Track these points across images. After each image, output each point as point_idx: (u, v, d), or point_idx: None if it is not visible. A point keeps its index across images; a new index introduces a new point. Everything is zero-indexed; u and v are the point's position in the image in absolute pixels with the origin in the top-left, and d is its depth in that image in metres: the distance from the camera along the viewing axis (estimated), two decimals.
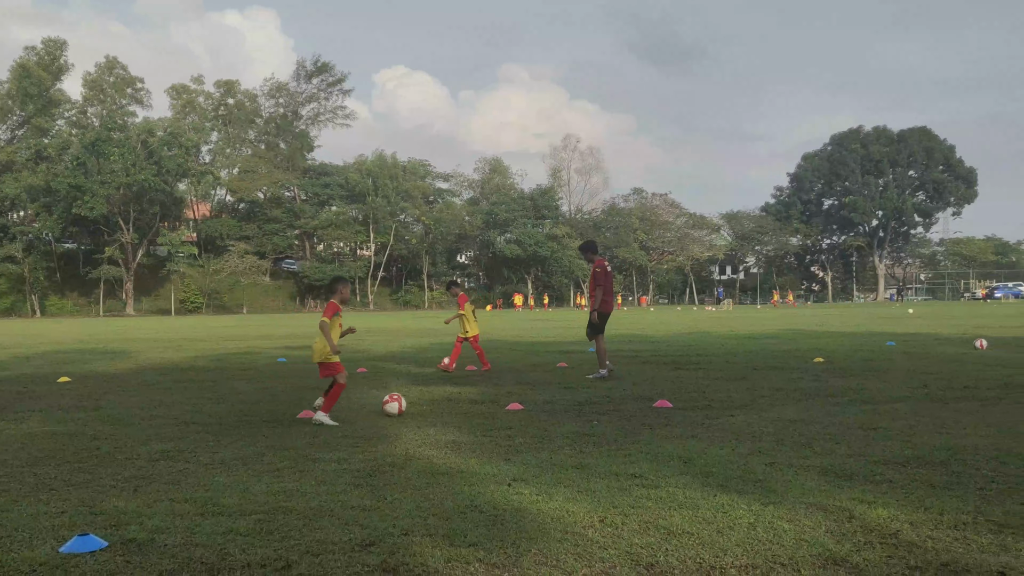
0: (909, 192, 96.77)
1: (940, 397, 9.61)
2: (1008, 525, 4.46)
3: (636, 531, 4.45)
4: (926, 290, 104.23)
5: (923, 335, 22.46)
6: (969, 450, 6.42)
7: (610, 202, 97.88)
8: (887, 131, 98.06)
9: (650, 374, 12.98)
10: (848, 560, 3.95)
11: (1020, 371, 12.27)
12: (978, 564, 3.88)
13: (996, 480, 5.46)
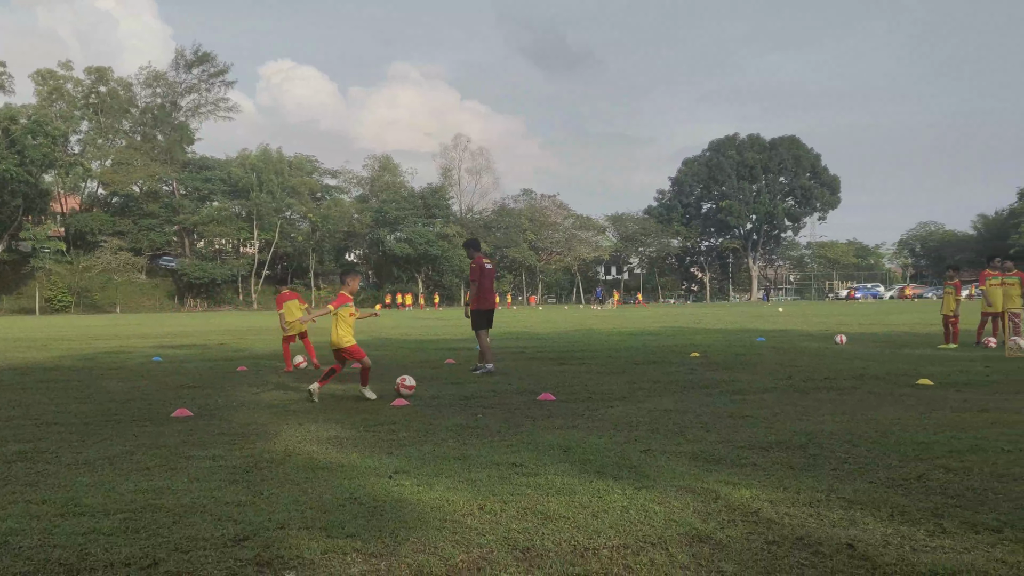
0: (780, 197, 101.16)
1: (802, 388, 10.17)
2: (857, 502, 4.80)
3: (514, 517, 4.57)
4: (795, 290, 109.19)
5: (790, 332, 23.59)
6: (825, 435, 6.84)
7: (500, 202, 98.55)
8: (760, 139, 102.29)
9: (535, 369, 13.19)
10: (712, 537, 4.18)
11: (874, 364, 13.09)
12: (829, 537, 4.16)
13: (848, 461, 5.85)
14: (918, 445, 6.37)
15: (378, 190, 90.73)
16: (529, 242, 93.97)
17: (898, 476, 5.40)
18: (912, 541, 4.09)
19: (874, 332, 22.46)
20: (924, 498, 4.86)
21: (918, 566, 3.74)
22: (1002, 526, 4.29)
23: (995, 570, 3.67)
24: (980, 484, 5.15)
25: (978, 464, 5.67)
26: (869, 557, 3.88)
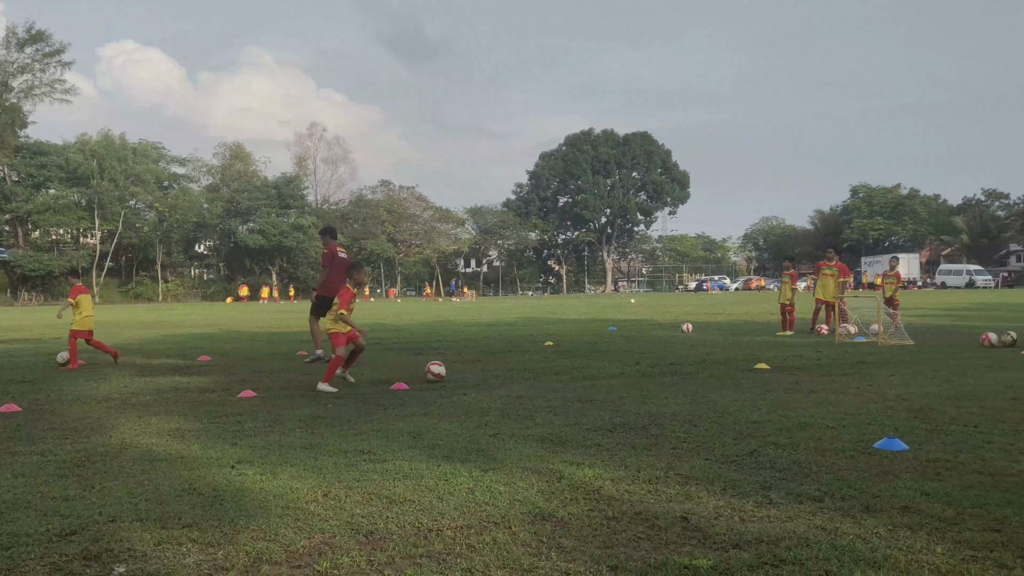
0: (633, 192, 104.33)
1: (649, 373, 10.54)
2: (693, 477, 5.01)
3: (359, 502, 4.52)
4: (647, 282, 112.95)
5: (641, 321, 24.40)
6: (668, 416, 7.11)
7: (358, 193, 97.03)
8: (614, 134, 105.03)
9: (391, 360, 13.11)
10: (555, 515, 4.27)
11: (716, 350, 13.72)
12: (666, 512, 4.33)
13: (687, 440, 6.11)
14: (752, 424, 6.72)
15: (229, 179, 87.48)
16: (388, 234, 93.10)
17: (732, 453, 5.68)
18: (741, 512, 4.31)
19: (718, 321, 23.52)
20: (754, 472, 5.13)
21: (745, 535, 3.94)
22: (823, 496, 4.58)
23: (814, 536, 3.91)
24: (806, 458, 5.47)
25: (804, 440, 6.04)
26: (701, 528, 4.06)
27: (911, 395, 8.17)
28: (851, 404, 7.66)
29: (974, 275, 79.78)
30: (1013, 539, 3.80)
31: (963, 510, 4.25)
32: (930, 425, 6.55)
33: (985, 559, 3.57)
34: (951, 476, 4.94)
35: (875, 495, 4.56)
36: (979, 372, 10.04)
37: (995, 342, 13.55)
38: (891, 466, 5.21)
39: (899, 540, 3.83)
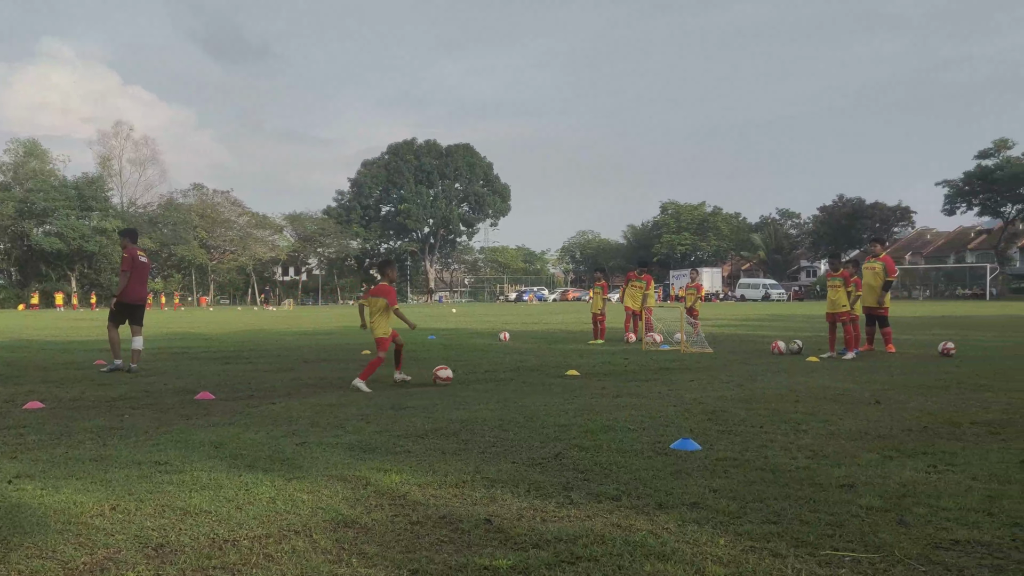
0: (455, 203, 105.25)
1: (464, 380, 10.63)
2: (499, 480, 5.09)
3: (150, 515, 4.29)
4: (469, 293, 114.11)
5: (461, 330, 24.61)
6: (479, 422, 7.20)
7: (168, 196, 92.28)
8: (437, 145, 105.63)
9: (197, 369, 12.53)
10: (358, 521, 4.21)
11: (530, 357, 14.05)
12: (470, 514, 4.37)
13: (496, 444, 6.20)
14: (559, 427, 6.90)
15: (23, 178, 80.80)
16: (200, 240, 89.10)
17: (538, 456, 5.81)
18: (543, 513, 4.41)
19: (535, 330, 24.08)
20: (558, 474, 5.27)
21: (545, 534, 4.04)
22: (620, 494, 4.76)
23: (610, 533, 4.06)
24: (607, 459, 5.68)
25: (607, 442, 6.27)
26: (503, 529, 4.12)
27: (707, 399, 8.66)
28: (652, 408, 8.03)
29: (769, 288, 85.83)
30: (788, 530, 4.09)
31: (745, 504, 4.54)
32: (721, 426, 6.96)
33: (763, 549, 3.83)
34: (737, 473, 5.27)
35: (668, 492, 4.79)
36: (768, 377, 10.78)
37: (783, 350, 14.61)
38: (684, 465, 5.50)
39: (687, 534, 4.04)
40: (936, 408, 7.86)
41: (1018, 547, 3.82)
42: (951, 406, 7.98)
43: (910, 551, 3.78)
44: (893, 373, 11.19)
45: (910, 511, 4.39)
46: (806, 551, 3.80)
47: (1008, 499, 4.59)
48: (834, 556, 3.74)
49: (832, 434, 6.58)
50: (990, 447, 6.01)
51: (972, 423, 7.01)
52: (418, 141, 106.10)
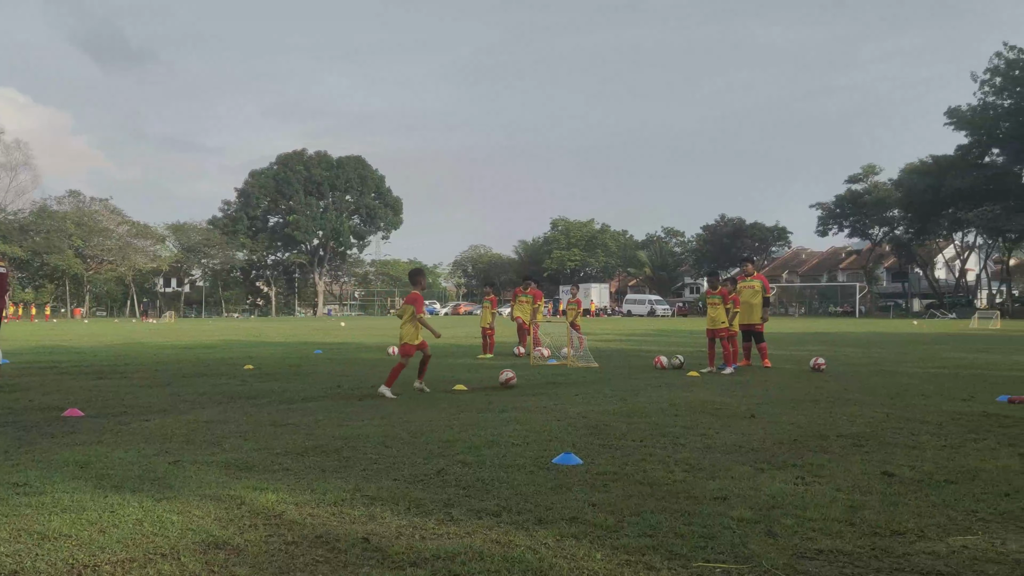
0: (346, 215, 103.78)
1: (350, 395, 10.48)
2: (379, 498, 5.02)
3: (4, 540, 4.04)
4: (359, 306, 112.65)
5: (349, 344, 24.25)
6: (362, 438, 7.09)
7: (41, 203, 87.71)
8: (328, 156, 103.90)
9: (67, 384, 11.92)
10: (230, 542, 4.08)
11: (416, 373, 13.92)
12: (347, 533, 4.29)
13: (378, 461, 6.12)
14: (443, 443, 6.87)
15: None
16: (75, 249, 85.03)
17: (420, 472, 5.76)
18: (423, 530, 4.37)
19: None
20: (440, 491, 5.24)
21: (424, 552, 4.00)
22: (501, 510, 4.77)
23: (489, 549, 4.05)
24: (490, 475, 5.68)
25: (491, 457, 6.27)
26: (381, 548, 4.06)
27: (591, 413, 8.78)
28: (537, 422, 8.08)
29: (655, 304, 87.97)
30: (663, 543, 4.17)
31: (623, 518, 4.61)
32: (603, 440, 7.07)
33: (638, 563, 3.89)
34: (616, 487, 5.36)
35: (548, 508, 4.82)
36: (650, 391, 11.02)
37: (666, 364, 14.98)
38: (565, 480, 5.55)
39: (565, 549, 4.07)
40: (806, 422, 8.19)
41: (876, 556, 4.01)
42: (820, 420, 8.33)
43: (777, 561, 3.91)
44: (768, 388, 11.61)
45: (778, 522, 4.54)
46: (679, 563, 3.88)
47: (868, 509, 4.81)
48: (705, 568, 3.83)
49: (709, 448, 6.77)
50: (854, 459, 6.30)
51: (839, 436, 7.34)
52: (308, 152, 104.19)
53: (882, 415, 8.62)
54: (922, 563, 3.90)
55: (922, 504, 4.94)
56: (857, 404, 9.58)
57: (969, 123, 71.37)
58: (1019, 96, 68.14)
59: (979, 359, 17.71)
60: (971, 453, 6.48)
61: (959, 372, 14.12)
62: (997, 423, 8.07)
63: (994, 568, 3.83)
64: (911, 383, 12.12)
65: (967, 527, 4.47)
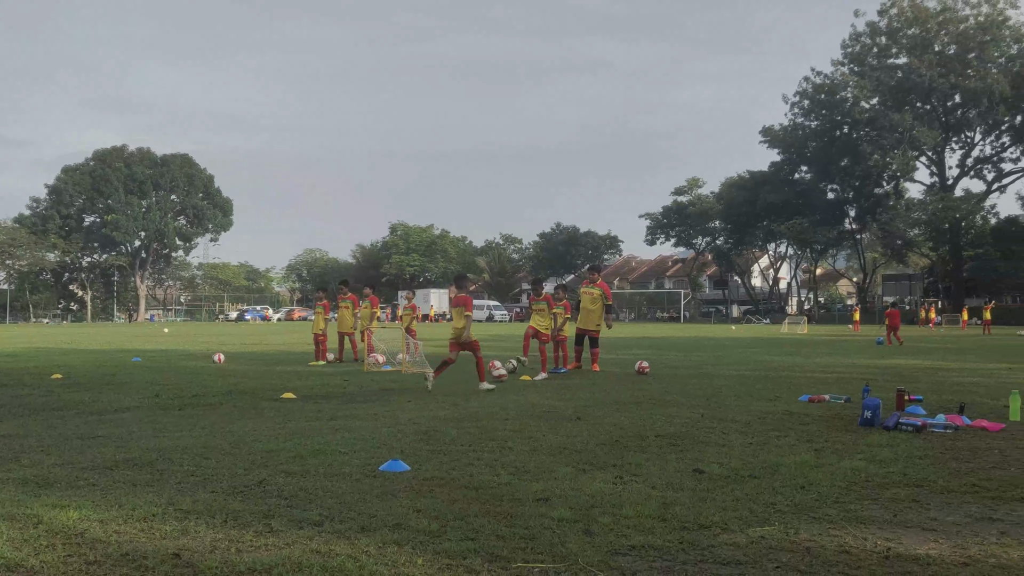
0: (172, 216, 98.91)
1: (168, 405, 10.00)
2: (194, 511, 4.81)
3: None
4: (185, 311, 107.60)
5: (171, 351, 23.13)
6: (179, 450, 6.77)
7: None
8: (151, 153, 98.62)
9: None
10: (24, 564, 3.81)
11: (245, 380, 13.49)
12: (157, 549, 4.09)
13: (195, 474, 5.86)
14: (266, 453, 6.67)
15: None
16: None
17: (240, 483, 5.56)
18: (239, 543, 4.23)
19: (254, 351, 23.18)
20: (260, 502, 5.08)
21: (239, 565, 3.87)
22: (323, 520, 4.68)
23: (308, 559, 3.96)
24: (313, 484, 5.56)
25: (315, 466, 6.14)
26: (193, 563, 3.90)
27: (421, 419, 8.76)
28: (366, 429, 7.99)
29: (493, 310, 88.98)
30: (484, 546, 4.22)
31: (447, 523, 4.63)
32: (432, 446, 7.07)
33: (459, 566, 3.92)
34: (442, 492, 5.37)
35: (372, 515, 4.77)
36: (482, 396, 11.13)
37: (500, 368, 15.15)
38: (391, 486, 5.51)
39: (387, 556, 4.04)
40: (628, 423, 8.51)
41: (684, 549, 4.21)
42: (641, 421, 8.67)
43: (592, 558, 4.04)
44: (595, 391, 11.98)
45: (596, 521, 4.69)
46: (499, 565, 3.94)
47: (680, 505, 5.05)
48: (524, 568, 3.91)
49: (535, 450, 6.91)
50: (669, 457, 6.60)
51: (657, 436, 7.66)
52: (129, 148, 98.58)
53: (697, 415, 9.08)
54: (724, 554, 4.14)
55: (728, 499, 5.23)
56: (675, 405, 10.04)
57: (781, 141, 76.62)
58: (824, 118, 73.76)
59: (786, 361, 18.99)
60: (773, 450, 6.93)
61: (768, 374, 15.08)
62: (798, 421, 8.67)
63: (787, 556, 4.12)
64: (725, 385, 12.84)
65: (765, 519, 4.78)
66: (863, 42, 72.36)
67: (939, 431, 7.92)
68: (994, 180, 74.00)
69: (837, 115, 72.69)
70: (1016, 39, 68.04)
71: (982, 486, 5.62)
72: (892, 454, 6.72)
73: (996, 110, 67.40)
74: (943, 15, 68.46)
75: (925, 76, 66.89)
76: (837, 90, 71.99)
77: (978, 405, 9.95)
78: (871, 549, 4.22)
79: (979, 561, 4.04)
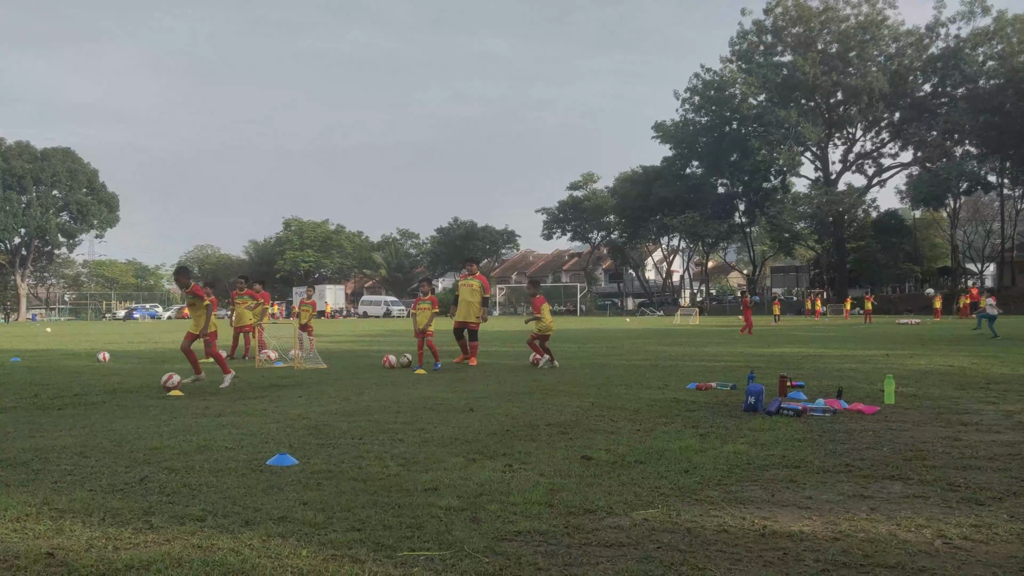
0: (54, 212, 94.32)
1: (48, 405, 9.61)
2: (70, 511, 4.67)
3: None
4: (70, 310, 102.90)
5: (53, 351, 22.17)
6: (57, 449, 6.54)
7: None
8: (30, 147, 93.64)
9: None
10: None
11: (131, 378, 13.08)
12: (30, 550, 3.97)
13: (73, 472, 5.68)
14: (150, 450, 6.50)
15: None
16: None
17: (121, 481, 5.42)
18: (117, 541, 4.13)
19: (143, 349, 22.42)
20: (141, 499, 4.96)
21: (116, 563, 3.78)
22: (206, 515, 4.61)
23: (188, 555, 3.91)
24: (197, 480, 5.46)
25: (200, 462, 6.03)
26: (67, 562, 3.80)
27: (312, 413, 8.68)
28: (254, 425, 7.87)
29: (390, 305, 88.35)
30: (371, 536, 4.24)
31: (333, 515, 4.63)
32: (322, 440, 7.02)
33: (344, 556, 3.93)
34: (329, 485, 5.35)
35: (257, 509, 4.73)
36: (375, 390, 11.09)
37: (395, 363, 15.11)
38: (278, 480, 5.46)
39: (270, 548, 4.02)
40: (519, 413, 8.63)
41: (569, 533, 4.33)
42: (532, 410, 8.81)
43: (478, 545, 4.11)
44: (488, 382, 12.08)
45: (484, 508, 4.77)
46: (385, 554, 3.97)
47: (567, 491, 5.17)
48: (410, 556, 3.95)
49: (426, 441, 6.95)
50: (559, 445, 6.74)
51: (547, 425, 7.81)
52: (7, 142, 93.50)
53: (588, 404, 9.28)
54: (608, 536, 4.27)
55: (613, 484, 5.39)
56: (567, 395, 10.23)
57: (672, 137, 78.58)
58: (714, 114, 75.98)
59: (676, 351, 19.53)
60: (660, 436, 7.16)
61: (658, 363, 15.50)
62: (685, 408, 8.97)
63: (668, 536, 4.28)
64: (616, 374, 13.14)
65: (650, 502, 4.95)
66: (750, 39, 74.83)
67: (818, 415, 8.32)
68: (875, 175, 77.81)
69: (726, 111, 74.99)
70: (894, 38, 71.48)
71: (855, 466, 5.94)
72: (773, 437, 7.03)
73: (876, 107, 70.82)
74: (825, 14, 71.36)
75: (809, 74, 69.66)
76: (726, 87, 74.22)
77: (855, 389, 10.47)
78: (749, 528, 4.42)
79: (849, 536, 4.28)
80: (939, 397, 9.79)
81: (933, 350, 18.79)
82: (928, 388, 10.71)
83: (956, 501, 4.96)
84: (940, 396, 9.88)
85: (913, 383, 11.27)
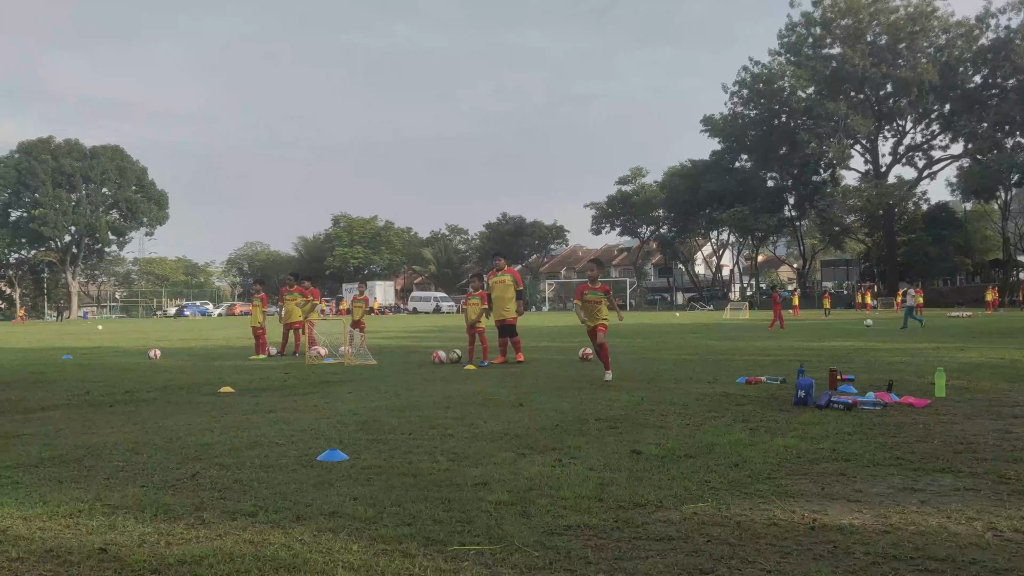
0: (103, 209, 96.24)
1: (99, 402, 9.74)
2: (123, 506, 4.70)
3: None
4: (121, 308, 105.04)
5: (104, 348, 22.61)
6: (108, 446, 6.61)
7: None
8: (80, 145, 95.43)
9: None
10: None
11: (181, 375, 13.24)
12: (82, 545, 3.99)
13: (125, 469, 5.73)
14: (200, 447, 6.54)
15: None
16: None
17: (172, 478, 5.45)
18: (169, 536, 4.14)
19: (192, 346, 22.76)
20: (192, 495, 4.98)
21: (168, 558, 3.78)
22: (257, 510, 4.60)
23: (240, 550, 3.90)
24: (248, 476, 5.47)
25: (251, 458, 6.04)
26: (120, 557, 3.81)
27: (362, 409, 8.69)
28: (305, 421, 7.90)
29: (440, 301, 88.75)
30: (421, 531, 4.19)
31: (383, 509, 4.59)
32: (372, 435, 7.01)
33: (395, 551, 3.89)
34: (379, 480, 5.33)
35: (307, 504, 4.71)
36: (425, 386, 11.08)
37: (444, 359, 15.11)
38: (328, 476, 5.45)
39: (321, 543, 4.00)
40: (569, 408, 8.55)
41: (619, 527, 4.24)
42: (582, 405, 8.72)
43: (528, 539, 4.04)
44: (538, 378, 12.01)
45: (534, 503, 4.70)
46: (435, 549, 3.92)
47: (616, 485, 5.08)
48: (460, 551, 3.90)
49: (475, 436, 6.90)
50: (608, 440, 6.64)
51: (597, 419, 7.71)
52: (56, 140, 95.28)
53: (637, 399, 9.16)
54: (658, 530, 4.18)
55: (663, 478, 5.28)
56: (616, 390, 10.12)
57: (721, 131, 77.64)
58: (763, 107, 74.90)
59: (726, 346, 19.28)
60: (709, 430, 7.03)
61: (708, 358, 15.30)
62: (734, 402, 8.81)
63: (718, 530, 4.17)
64: (665, 369, 12.99)
65: (699, 496, 4.84)
66: (799, 32, 73.59)
67: (869, 408, 8.12)
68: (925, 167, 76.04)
69: (775, 104, 73.87)
70: (944, 29, 69.88)
71: (906, 459, 5.78)
72: (823, 431, 6.87)
73: (926, 99, 69.27)
74: (875, 6, 69.96)
75: (858, 66, 68.38)
76: (775, 80, 73.13)
77: (906, 382, 10.22)
78: (798, 521, 4.31)
79: (899, 529, 4.16)
80: (990, 390, 9.52)
81: (984, 343, 18.30)
82: (979, 381, 10.42)
83: (1007, 494, 4.81)
84: (991, 389, 9.62)
85: (964, 376, 10.97)
